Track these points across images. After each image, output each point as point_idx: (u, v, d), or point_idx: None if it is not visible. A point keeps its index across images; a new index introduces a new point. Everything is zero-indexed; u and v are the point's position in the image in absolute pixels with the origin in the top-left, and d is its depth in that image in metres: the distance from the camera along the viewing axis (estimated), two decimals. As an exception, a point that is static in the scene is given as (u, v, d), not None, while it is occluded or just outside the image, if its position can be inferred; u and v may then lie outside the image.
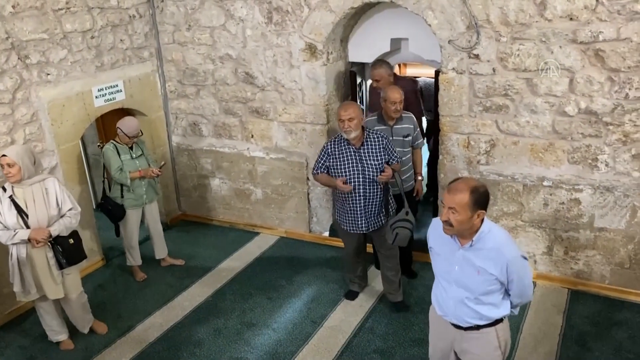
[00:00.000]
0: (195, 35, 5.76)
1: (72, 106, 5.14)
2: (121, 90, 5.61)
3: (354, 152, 4.26)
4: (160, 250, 5.52)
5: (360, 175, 4.25)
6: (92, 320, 4.56)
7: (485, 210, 2.67)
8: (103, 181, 5.24)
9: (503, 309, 2.85)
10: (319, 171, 4.39)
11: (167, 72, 6.09)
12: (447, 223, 2.67)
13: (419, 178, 4.91)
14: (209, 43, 5.72)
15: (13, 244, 3.93)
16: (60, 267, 4.07)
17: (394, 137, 4.63)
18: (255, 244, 5.95)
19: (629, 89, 4.16)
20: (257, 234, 6.16)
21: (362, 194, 4.29)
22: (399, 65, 7.61)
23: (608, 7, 4.04)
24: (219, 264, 5.57)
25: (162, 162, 5.33)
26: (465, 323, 2.87)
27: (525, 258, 2.74)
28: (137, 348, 4.38)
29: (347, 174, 4.25)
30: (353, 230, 4.43)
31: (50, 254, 4.03)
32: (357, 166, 4.26)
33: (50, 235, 3.96)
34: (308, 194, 5.82)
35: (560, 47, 4.26)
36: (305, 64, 5.33)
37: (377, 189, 4.30)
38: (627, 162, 4.35)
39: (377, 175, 4.23)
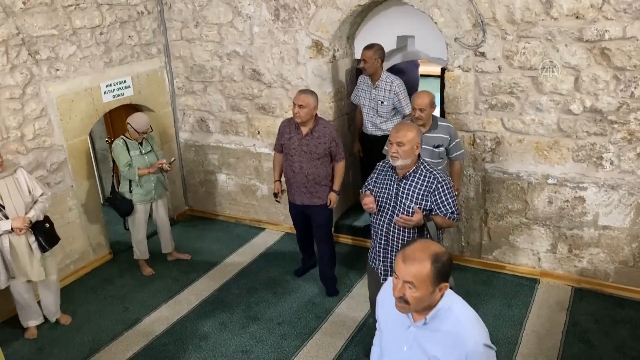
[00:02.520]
0: (203, 32, 5.80)
1: (80, 101, 5.20)
2: (129, 86, 5.66)
3: (395, 182, 3.49)
4: (168, 245, 5.57)
5: (389, 212, 3.50)
6: (59, 312, 4.68)
7: (448, 282, 2.12)
8: (112, 175, 5.30)
9: None
10: (364, 189, 3.73)
11: (175, 68, 6.14)
12: (402, 300, 2.08)
13: (456, 193, 4.40)
14: (217, 40, 5.76)
15: None
16: (43, 250, 4.27)
17: (423, 146, 4.16)
18: (261, 239, 6.00)
19: (635, 87, 4.16)
20: (263, 229, 6.20)
21: (383, 234, 3.56)
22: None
23: (614, 6, 4.05)
24: (225, 259, 5.62)
25: (173, 158, 5.36)
26: None
27: (491, 348, 2.11)
28: (144, 341, 4.44)
29: (380, 205, 3.55)
30: (373, 267, 3.75)
31: (32, 239, 4.22)
32: (390, 200, 3.50)
33: (31, 222, 4.15)
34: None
35: (566, 45, 4.28)
36: (312, 61, 5.36)
37: (403, 234, 3.48)
38: (632, 160, 4.36)
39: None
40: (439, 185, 3.39)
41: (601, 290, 4.71)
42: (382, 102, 5.04)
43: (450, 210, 3.43)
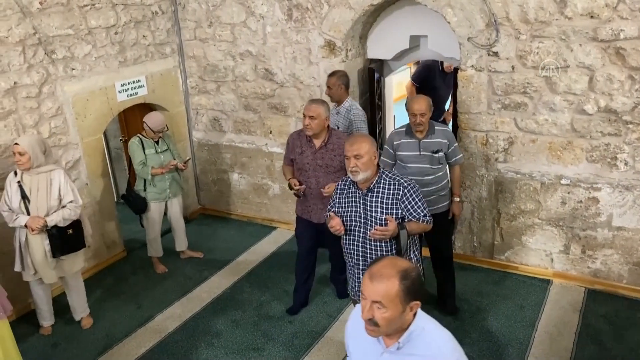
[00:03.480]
0: (216, 32, 5.84)
1: (95, 100, 5.26)
2: (143, 86, 5.71)
3: (361, 197, 3.33)
4: (181, 243, 5.61)
5: (362, 230, 3.34)
6: (85, 312, 4.71)
7: (420, 300, 1.98)
8: (129, 173, 5.35)
9: None
10: (327, 213, 3.53)
11: (189, 68, 6.18)
12: (371, 322, 1.93)
13: (456, 199, 4.42)
14: (230, 40, 5.80)
15: (14, 227, 4.17)
16: (53, 255, 4.26)
17: (421, 152, 4.18)
18: (273, 238, 6.03)
19: (650, 87, 4.13)
20: (275, 228, 6.23)
21: (360, 254, 3.38)
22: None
23: (629, 5, 4.01)
24: (237, 257, 5.66)
25: (187, 158, 5.39)
26: None
27: None
28: (157, 337, 4.48)
29: (350, 224, 3.37)
30: (352, 295, 3.61)
31: (47, 242, 4.22)
32: (359, 217, 3.34)
33: (46, 225, 4.14)
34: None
35: (580, 45, 4.25)
36: (324, 60, 5.37)
37: (381, 248, 3.33)
38: (646, 161, 4.32)
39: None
40: (406, 191, 3.27)
41: (615, 292, 4.67)
42: (337, 127, 4.87)
43: (422, 213, 3.32)
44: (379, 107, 6.21)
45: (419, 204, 3.31)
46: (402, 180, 3.30)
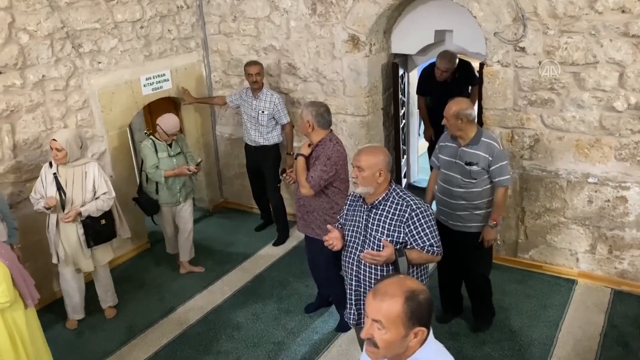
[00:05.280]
0: (241, 26, 5.85)
1: (121, 94, 5.32)
2: (168, 80, 5.76)
3: (364, 212, 3.07)
4: (185, 252, 5.32)
5: (359, 247, 3.07)
6: (113, 301, 4.79)
7: (428, 327, 1.83)
8: (140, 174, 5.28)
9: None
10: (337, 224, 3.33)
11: (213, 62, 6.21)
12: (371, 342, 1.81)
13: (490, 224, 3.89)
14: (254, 34, 5.81)
15: (37, 210, 4.26)
16: (88, 245, 4.36)
17: (457, 160, 3.86)
18: (294, 232, 6.02)
19: (683, 84, 4.02)
20: (294, 222, 6.22)
21: (354, 273, 3.13)
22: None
23: (663, -1, 3.91)
24: (258, 251, 5.69)
25: (199, 160, 5.30)
26: None
27: None
28: (178, 329, 4.53)
29: (348, 239, 3.15)
30: (345, 317, 3.34)
31: (81, 231, 4.32)
32: (359, 234, 3.08)
33: (80, 214, 4.23)
34: (350, 193, 5.84)
35: (611, 40, 4.15)
36: (348, 55, 5.34)
37: (375, 272, 3.03)
38: (678, 160, 4.21)
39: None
40: (414, 214, 2.92)
41: (642, 294, 4.58)
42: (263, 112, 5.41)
43: (428, 242, 2.94)
44: (403, 103, 6.17)
45: (427, 231, 2.94)
46: (411, 202, 2.96)
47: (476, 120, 3.88)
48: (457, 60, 5.66)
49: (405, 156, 6.50)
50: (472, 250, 4.00)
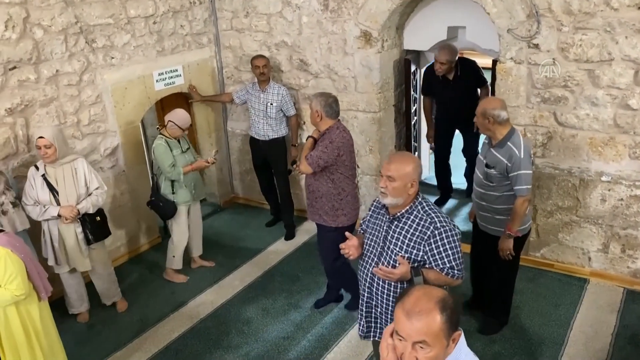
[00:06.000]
0: (253, 22, 5.86)
1: (133, 89, 5.35)
2: (180, 75, 5.78)
3: (385, 223, 2.89)
4: (196, 248, 5.35)
5: (375, 260, 2.91)
6: (118, 296, 4.79)
7: (459, 329, 1.79)
8: (152, 177, 5.22)
9: None
10: (360, 230, 3.17)
11: (225, 58, 6.23)
12: None
13: (507, 233, 3.77)
14: (266, 30, 5.81)
15: (44, 220, 4.18)
16: (88, 242, 4.33)
17: (483, 159, 3.83)
18: (304, 228, 6.04)
19: (700, 82, 3.96)
20: (306, 218, 6.23)
21: (367, 285, 2.99)
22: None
23: (680, -4, 3.85)
24: (269, 247, 5.70)
25: (215, 150, 5.27)
26: None
27: None
28: (189, 323, 4.57)
29: (367, 249, 3.00)
30: (359, 331, 3.17)
31: (79, 230, 4.28)
32: (377, 245, 2.92)
33: (79, 212, 4.20)
34: (357, 180, 5.84)
35: (626, 37, 4.10)
36: (360, 51, 5.33)
37: (389, 288, 2.88)
38: (693, 159, 4.16)
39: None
40: (437, 232, 2.70)
41: (655, 293, 4.54)
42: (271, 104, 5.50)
43: (449, 265, 2.71)
44: (415, 100, 6.15)
45: (449, 252, 2.72)
46: (436, 219, 2.74)
47: (508, 121, 3.75)
48: (458, 56, 5.48)
49: (416, 153, 6.48)
50: (491, 252, 3.93)
